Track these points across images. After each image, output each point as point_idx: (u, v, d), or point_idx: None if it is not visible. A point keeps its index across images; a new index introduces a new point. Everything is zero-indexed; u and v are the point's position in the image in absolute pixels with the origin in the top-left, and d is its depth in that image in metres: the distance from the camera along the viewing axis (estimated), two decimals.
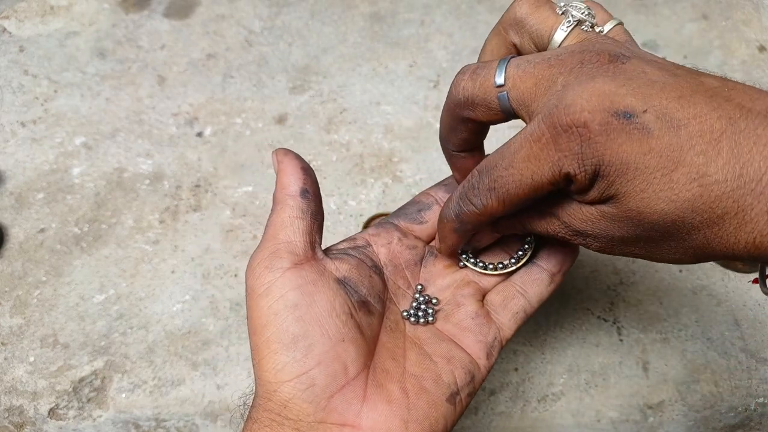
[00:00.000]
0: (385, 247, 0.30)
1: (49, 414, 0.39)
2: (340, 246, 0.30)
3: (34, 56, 0.55)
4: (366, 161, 0.50)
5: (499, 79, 0.24)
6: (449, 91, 0.26)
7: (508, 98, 0.24)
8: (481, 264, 0.30)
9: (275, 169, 0.28)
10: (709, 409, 0.40)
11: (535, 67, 0.23)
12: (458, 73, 0.26)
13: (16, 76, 0.54)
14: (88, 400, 0.40)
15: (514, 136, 0.23)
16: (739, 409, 0.40)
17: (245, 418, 0.25)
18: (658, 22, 0.58)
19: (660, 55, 0.24)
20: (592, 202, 0.23)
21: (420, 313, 0.29)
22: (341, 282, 0.27)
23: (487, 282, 0.31)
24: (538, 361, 0.42)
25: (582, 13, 0.25)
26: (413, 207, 0.32)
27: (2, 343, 0.42)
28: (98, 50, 0.56)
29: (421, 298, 0.30)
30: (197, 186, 0.48)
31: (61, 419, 0.39)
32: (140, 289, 0.44)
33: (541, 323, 0.43)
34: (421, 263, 0.31)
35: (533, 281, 0.30)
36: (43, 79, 0.54)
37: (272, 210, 0.28)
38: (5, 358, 0.41)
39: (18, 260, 0.45)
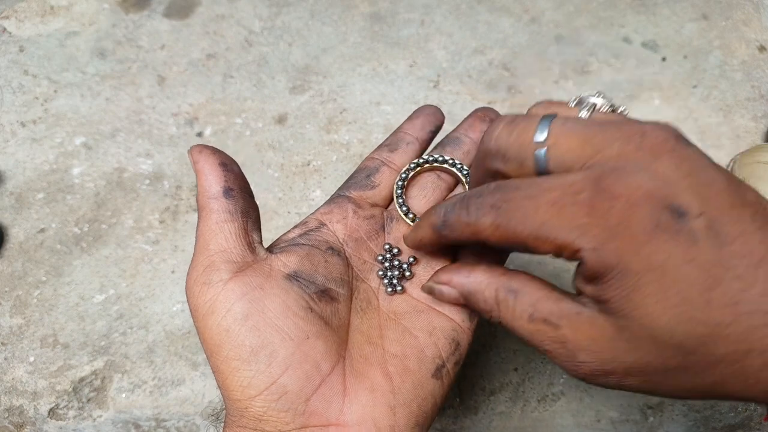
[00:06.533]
0: (340, 223, 0.28)
1: (49, 414, 0.39)
2: (290, 235, 0.28)
3: (34, 56, 0.55)
4: None
5: (541, 136, 0.21)
6: (481, 139, 0.23)
7: (547, 157, 0.21)
8: None
9: (194, 170, 0.26)
10: (709, 409, 0.40)
11: (585, 126, 0.20)
12: (495, 121, 0.23)
13: (16, 76, 0.54)
14: (88, 400, 0.40)
15: (549, 176, 0.20)
16: (739, 409, 0.40)
17: None
18: (658, 22, 0.58)
19: (660, 55, 0.23)
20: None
21: (396, 272, 0.27)
22: (292, 277, 0.25)
23: None
24: (538, 361, 0.42)
25: (599, 97, 0.23)
26: (361, 174, 0.30)
27: (2, 343, 0.42)
28: (98, 50, 0.56)
29: (388, 255, 0.28)
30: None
31: (61, 419, 0.39)
32: (140, 289, 0.44)
33: None
34: (384, 230, 0.29)
35: None
36: (43, 79, 0.54)
37: (198, 218, 0.25)
38: (5, 358, 0.41)
39: (18, 260, 0.45)
